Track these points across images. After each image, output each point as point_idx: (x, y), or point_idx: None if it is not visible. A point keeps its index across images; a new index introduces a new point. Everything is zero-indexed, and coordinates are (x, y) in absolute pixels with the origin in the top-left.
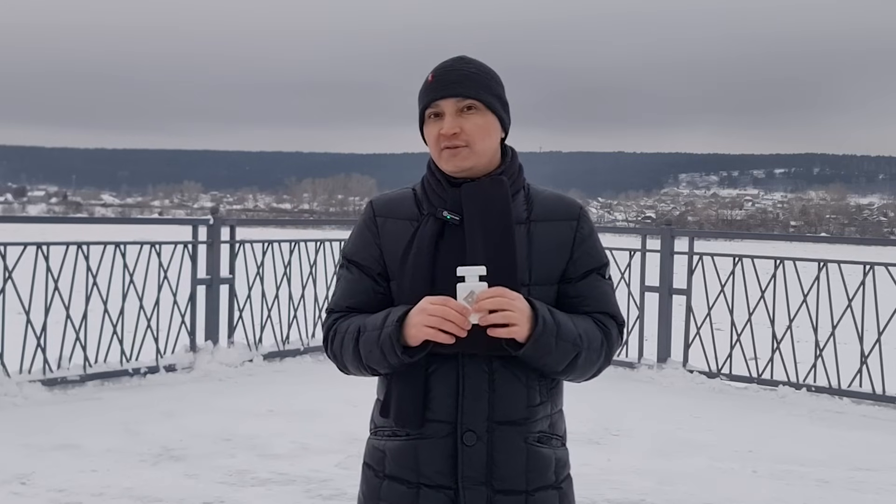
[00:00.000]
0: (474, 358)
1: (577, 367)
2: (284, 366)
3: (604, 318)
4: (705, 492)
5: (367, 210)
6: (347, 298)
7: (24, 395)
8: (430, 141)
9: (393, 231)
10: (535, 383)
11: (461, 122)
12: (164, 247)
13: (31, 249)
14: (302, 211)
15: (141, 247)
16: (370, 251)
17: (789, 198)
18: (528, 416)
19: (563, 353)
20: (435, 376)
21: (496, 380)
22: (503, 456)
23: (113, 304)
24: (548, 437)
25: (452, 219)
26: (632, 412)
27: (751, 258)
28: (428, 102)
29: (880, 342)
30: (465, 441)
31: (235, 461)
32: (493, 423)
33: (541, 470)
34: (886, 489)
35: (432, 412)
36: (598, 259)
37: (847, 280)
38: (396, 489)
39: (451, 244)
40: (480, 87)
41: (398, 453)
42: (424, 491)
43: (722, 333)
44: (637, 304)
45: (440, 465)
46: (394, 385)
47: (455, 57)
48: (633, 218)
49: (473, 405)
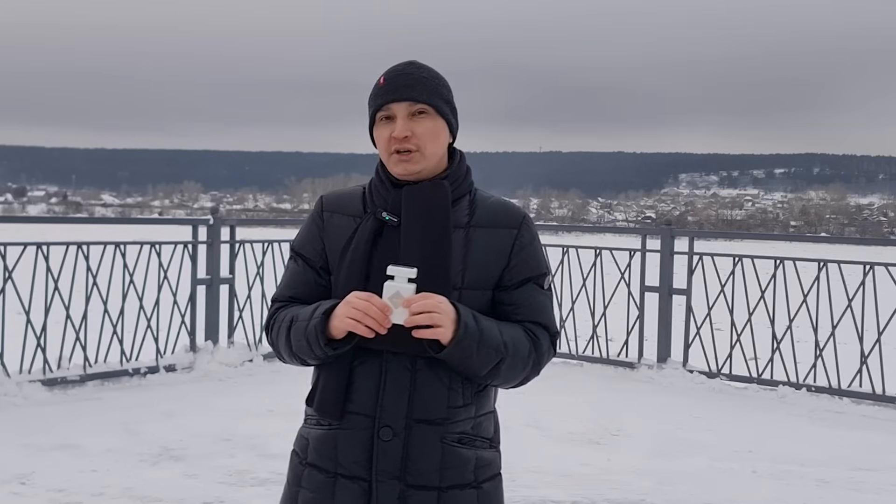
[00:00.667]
0: (399, 356)
1: (500, 374)
2: (284, 365)
3: (535, 327)
4: (705, 492)
5: (317, 204)
6: (290, 289)
7: (24, 395)
8: (381, 144)
9: (337, 226)
10: (459, 385)
11: (412, 125)
12: (164, 247)
13: (31, 249)
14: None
15: (141, 247)
16: (314, 245)
17: (789, 198)
18: (447, 416)
19: (485, 359)
20: (359, 370)
21: (418, 379)
22: (418, 453)
23: (113, 304)
24: (470, 439)
25: (391, 220)
26: (632, 412)
27: (751, 258)
28: (380, 105)
29: (880, 342)
30: (382, 436)
31: (235, 461)
32: (411, 420)
33: (457, 468)
34: (886, 489)
35: (354, 404)
36: (535, 268)
37: (847, 280)
38: (316, 477)
39: (389, 244)
40: (431, 92)
41: (319, 442)
42: (341, 481)
43: (722, 333)
44: (637, 304)
45: (357, 456)
46: (321, 376)
47: (406, 61)
48: (633, 218)
49: (393, 402)
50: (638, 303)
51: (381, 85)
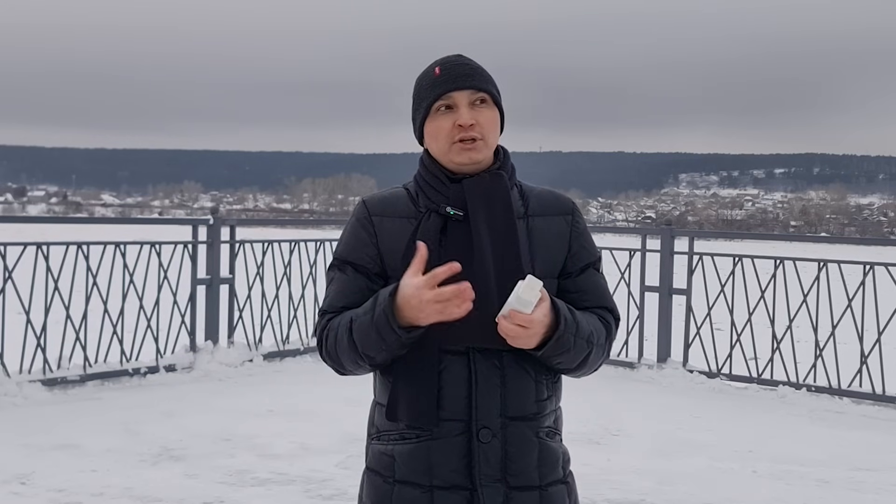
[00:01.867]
0: (484, 353)
1: (587, 364)
2: (284, 366)
3: (604, 312)
4: (705, 492)
5: (361, 209)
6: (342, 299)
7: (24, 395)
8: (441, 133)
9: (391, 229)
10: (543, 378)
11: (475, 114)
12: (164, 247)
13: (31, 249)
14: (302, 211)
15: (141, 247)
16: (367, 250)
17: (789, 198)
18: (538, 410)
19: (579, 351)
20: (445, 374)
21: (507, 375)
22: (517, 451)
23: (113, 304)
24: (553, 433)
25: (456, 214)
26: (632, 412)
27: (751, 258)
28: (440, 94)
29: (880, 342)
30: (481, 438)
31: (235, 461)
32: (506, 418)
33: (551, 464)
34: (886, 489)
35: (445, 411)
36: (593, 253)
37: (847, 280)
38: (409, 493)
39: (455, 239)
40: (488, 81)
41: (409, 457)
42: (438, 493)
43: (722, 333)
44: (637, 304)
45: (455, 464)
46: (401, 385)
47: (454, 54)
48: (633, 218)
49: (487, 401)
50: (638, 303)
51: (437, 75)
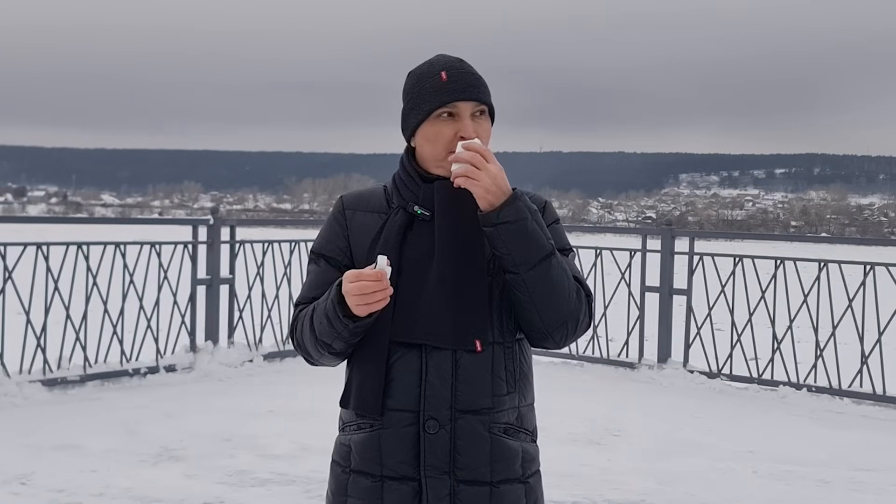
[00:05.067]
0: (438, 350)
1: (550, 274)
2: (284, 366)
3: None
4: (706, 492)
5: (338, 204)
6: (314, 290)
7: (24, 395)
8: (441, 140)
9: (362, 223)
10: (502, 372)
11: (476, 126)
12: (164, 247)
13: (31, 249)
14: (302, 211)
15: (141, 247)
16: (338, 243)
17: (790, 198)
18: (492, 405)
19: (537, 240)
20: (398, 365)
21: (461, 367)
22: (466, 445)
23: (113, 304)
24: (515, 430)
25: (423, 213)
26: (632, 412)
27: (751, 258)
28: (446, 102)
29: (881, 342)
30: (428, 429)
31: (235, 461)
32: (456, 411)
33: (507, 461)
34: (887, 489)
35: (394, 401)
36: (562, 243)
37: (847, 280)
38: (362, 483)
39: (419, 238)
40: (489, 93)
41: (362, 446)
42: (388, 483)
43: (722, 334)
44: (637, 305)
45: (403, 455)
46: (354, 373)
47: (455, 57)
48: (634, 218)
49: (436, 392)
50: (638, 303)
51: (444, 80)
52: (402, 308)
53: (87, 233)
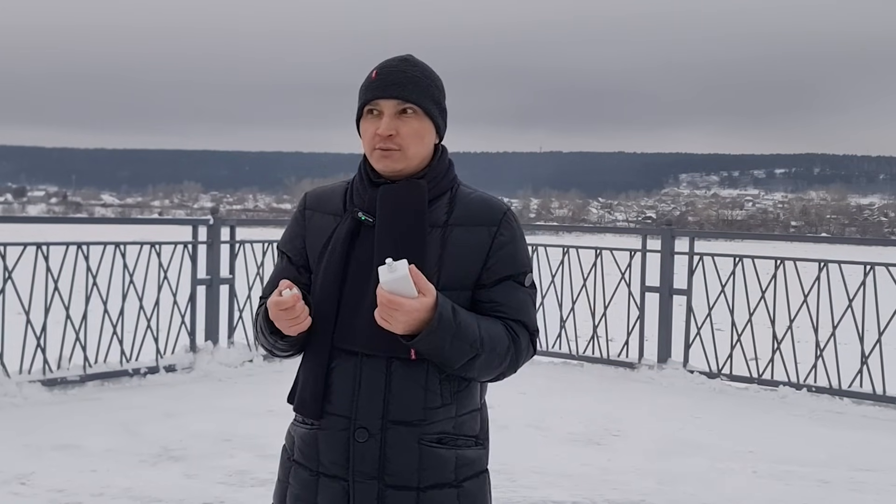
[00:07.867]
0: (373, 358)
1: (474, 368)
2: (284, 366)
3: (516, 325)
4: (706, 492)
5: (301, 202)
6: (273, 286)
7: (24, 395)
8: (365, 137)
9: (317, 225)
10: (436, 386)
11: (398, 124)
12: (164, 247)
13: (31, 249)
14: None
15: (141, 247)
16: (295, 243)
17: (790, 198)
18: (424, 417)
19: (459, 352)
20: (336, 371)
21: (393, 380)
22: (395, 454)
23: (113, 305)
24: (451, 438)
25: (367, 220)
26: (632, 412)
27: (751, 258)
28: (368, 99)
29: (881, 342)
30: (357, 438)
31: (235, 461)
32: (387, 421)
33: (436, 468)
34: (887, 490)
35: (332, 405)
36: (515, 266)
37: (847, 280)
38: (301, 474)
39: (366, 244)
40: (421, 93)
41: (303, 441)
42: (323, 480)
43: (722, 334)
44: (637, 305)
45: (336, 456)
46: (300, 374)
47: (401, 57)
48: (634, 218)
49: (368, 403)
50: (638, 303)
51: (372, 79)
52: (345, 316)
53: (87, 233)
